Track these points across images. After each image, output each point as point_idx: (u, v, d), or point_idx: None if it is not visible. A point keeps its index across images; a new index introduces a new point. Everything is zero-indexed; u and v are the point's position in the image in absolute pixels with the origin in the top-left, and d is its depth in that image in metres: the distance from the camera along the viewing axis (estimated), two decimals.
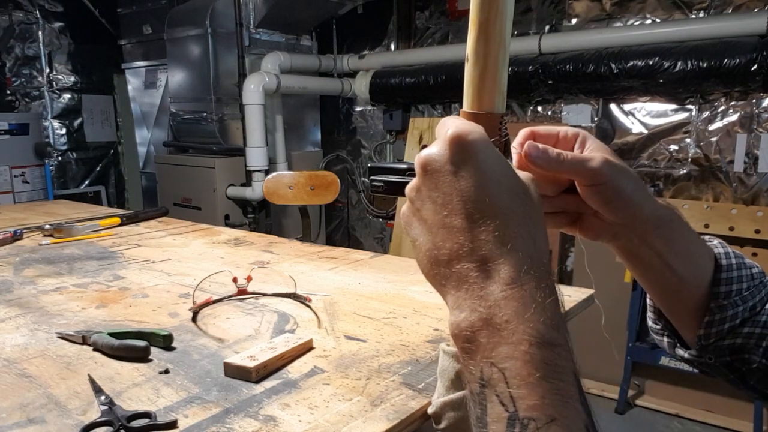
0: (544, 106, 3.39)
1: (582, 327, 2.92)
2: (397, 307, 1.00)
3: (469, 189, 0.38)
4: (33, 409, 0.66)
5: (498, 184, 0.39)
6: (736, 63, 2.50)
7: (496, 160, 0.40)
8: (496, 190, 0.39)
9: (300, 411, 0.65)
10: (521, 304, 0.36)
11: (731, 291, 0.53)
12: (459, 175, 0.39)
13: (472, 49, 0.47)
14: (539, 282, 0.37)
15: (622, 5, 3.05)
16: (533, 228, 0.39)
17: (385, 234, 4.24)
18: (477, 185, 0.38)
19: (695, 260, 0.54)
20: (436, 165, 0.40)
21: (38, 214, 1.98)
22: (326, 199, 2.45)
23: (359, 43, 4.08)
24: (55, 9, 4.54)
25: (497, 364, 0.35)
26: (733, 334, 0.54)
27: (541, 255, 0.39)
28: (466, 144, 0.39)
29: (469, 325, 0.37)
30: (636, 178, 0.51)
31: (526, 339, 0.35)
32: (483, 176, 0.39)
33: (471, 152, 0.39)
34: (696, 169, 2.94)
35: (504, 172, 0.40)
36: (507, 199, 0.39)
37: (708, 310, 0.54)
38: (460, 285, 0.38)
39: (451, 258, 0.39)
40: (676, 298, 0.55)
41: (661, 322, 0.61)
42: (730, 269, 0.53)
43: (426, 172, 0.41)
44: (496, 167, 0.40)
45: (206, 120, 3.72)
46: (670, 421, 2.77)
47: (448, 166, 0.39)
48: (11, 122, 3.92)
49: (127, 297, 1.07)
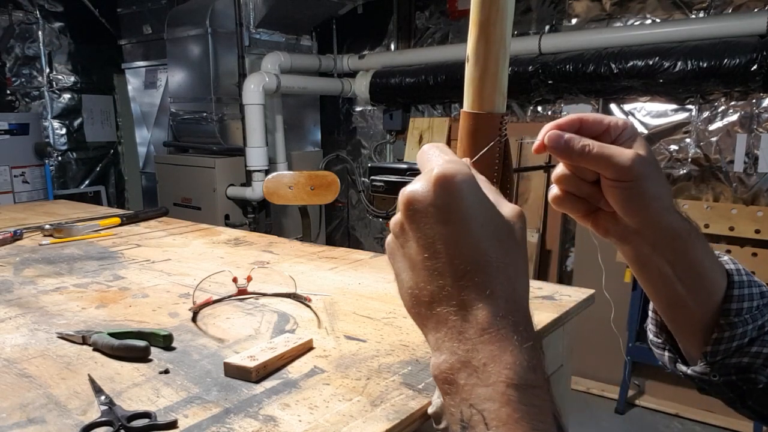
0: (544, 106, 3.39)
1: (582, 327, 2.92)
2: (397, 307, 1.00)
3: (451, 236, 0.38)
4: (33, 409, 0.66)
5: (481, 230, 0.39)
6: (736, 63, 2.50)
7: (480, 205, 0.39)
8: (478, 238, 0.38)
9: (300, 411, 0.65)
10: (498, 347, 0.36)
11: (742, 309, 0.52)
12: (442, 220, 0.38)
13: (472, 49, 0.47)
14: (517, 326, 0.37)
15: (622, 5, 3.05)
16: (513, 273, 0.39)
17: (385, 234, 4.24)
18: (459, 232, 0.38)
19: (707, 275, 0.53)
20: (419, 206, 0.39)
21: (38, 214, 1.98)
22: (326, 199, 2.45)
23: (359, 43, 4.08)
24: (55, 9, 4.54)
25: (476, 406, 0.36)
26: (741, 352, 0.53)
27: (521, 299, 0.39)
28: (451, 187, 0.38)
29: (448, 367, 0.38)
30: (664, 185, 0.50)
31: (503, 381, 0.35)
32: (466, 223, 0.38)
33: (455, 197, 0.38)
34: (696, 169, 2.94)
35: (488, 216, 0.39)
36: (488, 246, 0.38)
37: (717, 326, 0.53)
38: (440, 327, 0.39)
39: (432, 301, 0.39)
40: (683, 311, 0.54)
41: (663, 335, 0.60)
42: (742, 286, 0.53)
43: (408, 210, 0.40)
44: (480, 212, 0.39)
45: (206, 120, 3.72)
46: (670, 421, 2.77)
47: (431, 209, 0.39)
48: (11, 122, 3.92)
49: (127, 297, 1.07)
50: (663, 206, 0.50)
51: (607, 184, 0.49)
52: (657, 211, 0.50)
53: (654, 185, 0.49)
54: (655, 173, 0.49)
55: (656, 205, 0.49)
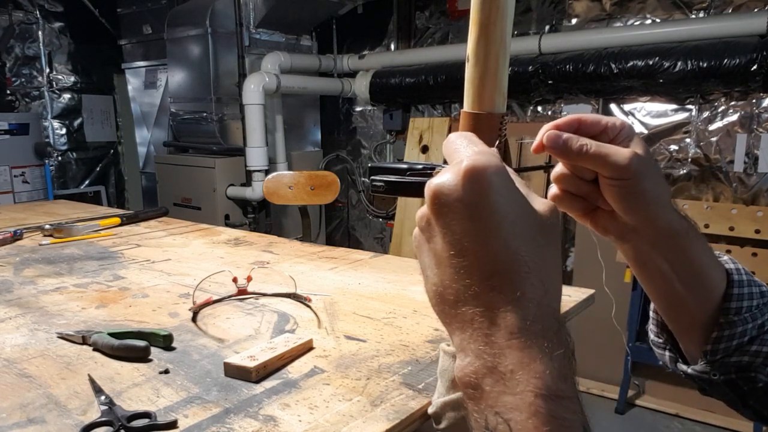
0: (544, 106, 3.39)
1: (582, 327, 2.92)
2: (397, 307, 1.00)
3: (480, 233, 0.36)
4: (33, 409, 0.66)
5: (512, 228, 0.36)
6: (736, 63, 2.50)
7: (512, 200, 0.37)
8: (508, 235, 0.36)
9: (300, 411, 0.65)
10: (527, 354, 0.35)
11: (742, 307, 0.52)
12: (470, 216, 0.36)
13: (472, 50, 0.47)
14: (547, 332, 0.36)
15: (622, 5, 3.05)
16: (545, 274, 0.37)
17: (385, 234, 4.24)
18: (489, 230, 0.36)
19: (706, 274, 0.53)
20: (447, 200, 0.37)
21: (38, 214, 1.98)
22: (326, 199, 2.45)
23: (359, 43, 4.08)
24: (55, 9, 4.54)
25: (502, 414, 0.34)
26: (741, 351, 0.53)
27: (552, 302, 0.37)
28: (481, 181, 0.36)
29: (473, 371, 0.36)
30: (662, 184, 0.50)
31: (531, 390, 0.34)
32: (496, 220, 0.36)
33: (486, 192, 0.36)
34: (696, 169, 2.94)
35: (520, 212, 0.37)
36: (519, 245, 0.36)
37: (717, 325, 0.53)
38: (465, 327, 0.37)
39: (457, 300, 0.38)
40: (683, 310, 0.54)
41: (664, 335, 0.60)
42: (742, 285, 0.53)
43: (435, 204, 0.38)
44: (512, 208, 0.37)
45: (206, 120, 3.72)
46: (670, 421, 2.77)
47: (459, 204, 0.36)
48: (11, 122, 3.92)
49: (127, 297, 1.07)
50: (661, 204, 0.50)
51: (606, 183, 0.49)
52: (655, 209, 0.50)
53: (652, 183, 0.49)
54: (653, 172, 0.49)
55: (654, 203, 0.49)
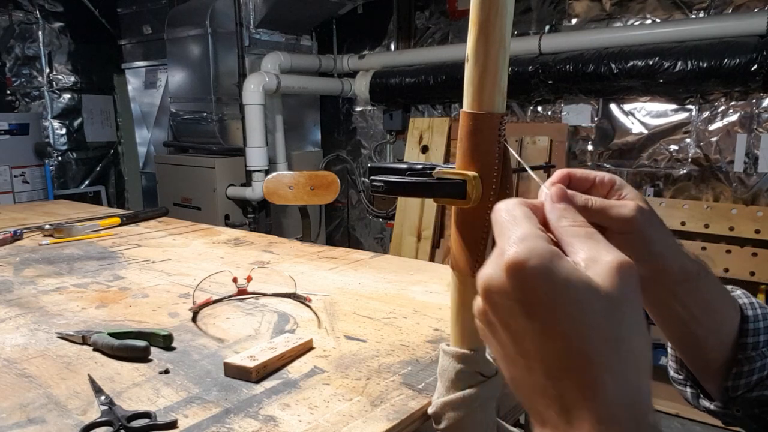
0: (544, 106, 3.39)
1: None
2: (397, 307, 1.00)
3: (538, 332, 0.34)
4: (33, 409, 0.66)
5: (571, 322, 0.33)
6: (736, 63, 2.50)
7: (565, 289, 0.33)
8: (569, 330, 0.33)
9: (300, 411, 0.65)
10: None
11: (758, 342, 0.53)
12: (525, 314, 0.34)
13: (472, 49, 0.47)
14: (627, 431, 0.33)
15: (622, 5, 3.05)
16: (623, 362, 0.33)
17: (385, 234, 4.24)
18: (546, 328, 0.33)
19: (721, 312, 0.53)
20: (497, 298, 0.35)
21: (38, 214, 1.98)
22: (326, 199, 2.45)
23: (359, 43, 4.08)
24: (55, 9, 4.54)
25: None
26: (762, 385, 0.53)
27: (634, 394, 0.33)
28: (526, 277, 0.33)
29: None
30: (666, 231, 0.51)
31: None
32: (552, 316, 0.33)
33: (532, 287, 0.33)
34: (696, 169, 2.94)
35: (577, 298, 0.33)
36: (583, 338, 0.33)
37: (736, 361, 0.53)
38: (544, 422, 0.35)
39: (530, 395, 0.36)
40: (701, 349, 0.55)
41: (683, 372, 0.60)
42: (757, 320, 0.53)
43: (489, 301, 0.36)
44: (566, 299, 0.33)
45: (206, 120, 3.72)
46: (670, 421, 2.77)
47: (509, 302, 0.34)
48: (11, 122, 3.92)
49: (127, 297, 1.07)
50: (671, 250, 0.51)
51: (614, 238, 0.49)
52: (666, 255, 0.50)
53: (657, 231, 0.50)
54: (656, 221, 0.50)
55: (665, 249, 0.50)
